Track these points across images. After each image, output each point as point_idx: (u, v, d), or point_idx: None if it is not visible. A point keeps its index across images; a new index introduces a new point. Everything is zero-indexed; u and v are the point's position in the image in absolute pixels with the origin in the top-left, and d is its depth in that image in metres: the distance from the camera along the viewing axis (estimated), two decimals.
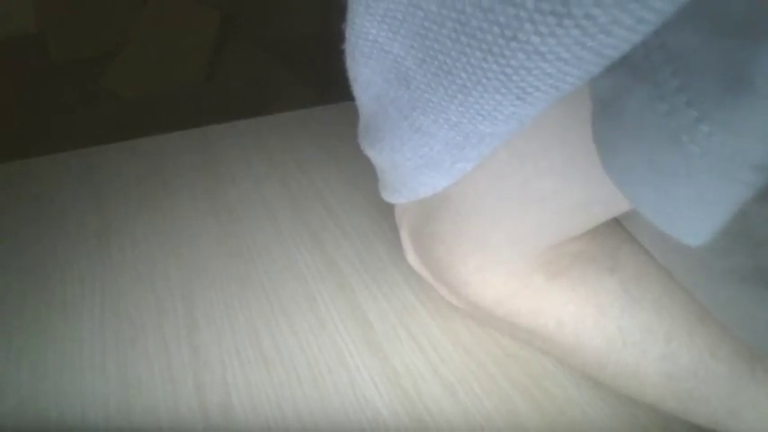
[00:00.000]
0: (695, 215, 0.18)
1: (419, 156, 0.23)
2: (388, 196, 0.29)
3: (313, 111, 0.60)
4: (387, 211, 0.45)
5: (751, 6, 0.14)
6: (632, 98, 0.17)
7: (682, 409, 0.29)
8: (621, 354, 0.29)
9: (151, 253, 0.42)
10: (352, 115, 0.28)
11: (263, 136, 0.55)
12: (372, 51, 0.21)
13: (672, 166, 0.17)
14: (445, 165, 0.23)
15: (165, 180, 0.49)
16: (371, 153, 0.27)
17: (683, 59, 0.15)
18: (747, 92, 0.15)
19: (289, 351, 0.35)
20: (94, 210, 0.46)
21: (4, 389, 0.33)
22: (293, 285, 0.39)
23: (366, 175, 0.49)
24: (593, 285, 0.29)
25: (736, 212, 0.23)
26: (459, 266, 0.29)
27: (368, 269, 0.41)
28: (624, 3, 0.14)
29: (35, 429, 0.31)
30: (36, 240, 0.43)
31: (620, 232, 0.31)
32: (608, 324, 0.29)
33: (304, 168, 0.51)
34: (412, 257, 0.33)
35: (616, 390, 0.31)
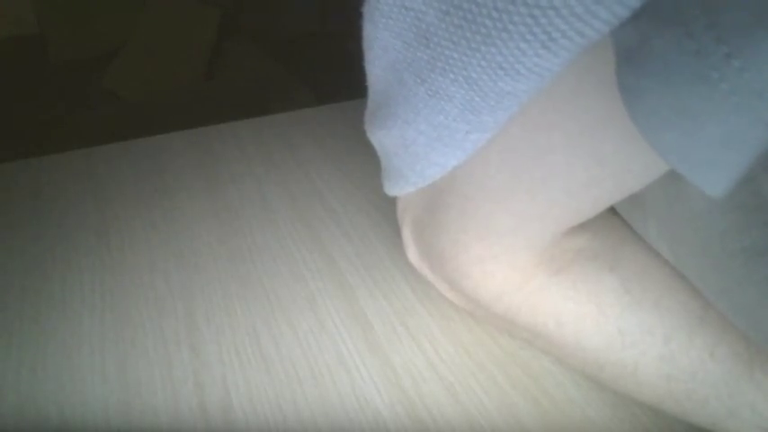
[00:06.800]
0: (719, 160, 0.18)
1: (433, 126, 0.23)
2: (393, 186, 0.29)
3: (313, 111, 0.60)
4: (387, 211, 0.45)
5: None
6: (660, 40, 0.17)
7: (680, 410, 0.29)
8: (620, 354, 0.29)
9: (151, 253, 0.42)
10: (352, 115, 0.28)
11: (263, 136, 0.55)
12: (393, 10, 0.21)
13: (700, 106, 0.17)
14: (459, 136, 0.23)
15: (165, 180, 0.49)
16: (380, 134, 0.26)
17: None
18: None
19: (289, 351, 0.35)
20: (94, 209, 0.46)
21: (4, 389, 0.33)
22: (293, 285, 0.39)
23: (366, 175, 0.49)
24: (594, 284, 0.29)
25: (752, 188, 0.23)
26: (461, 257, 0.29)
27: (368, 269, 0.41)
28: None
29: (35, 429, 0.31)
30: (36, 240, 0.43)
31: (622, 231, 0.31)
32: (607, 324, 0.29)
33: (304, 168, 0.51)
34: (413, 254, 0.33)
35: (615, 390, 0.31)
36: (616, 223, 0.31)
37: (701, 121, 0.17)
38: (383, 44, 0.23)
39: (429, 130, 0.23)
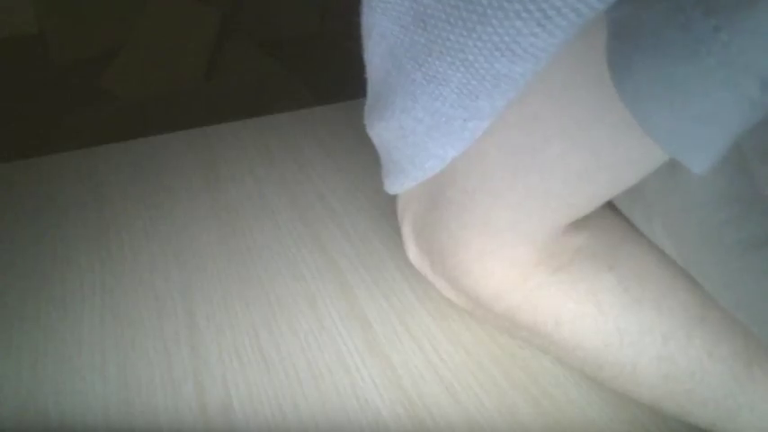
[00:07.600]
0: (705, 136, 0.18)
1: (431, 114, 0.23)
2: (393, 183, 0.29)
3: (313, 111, 0.60)
4: (387, 211, 0.45)
5: None
6: (650, 14, 0.17)
7: (679, 410, 0.29)
8: (619, 354, 0.29)
9: (151, 253, 0.42)
10: (353, 115, 0.28)
11: (263, 136, 0.55)
12: None
13: (687, 81, 0.17)
14: (456, 123, 0.23)
15: (165, 180, 0.49)
16: (379, 127, 0.27)
17: None
18: None
19: (289, 351, 0.35)
20: (94, 209, 0.46)
21: (4, 389, 0.33)
22: (293, 285, 0.39)
23: (366, 175, 0.49)
24: (593, 282, 0.29)
25: (748, 180, 0.23)
26: (462, 253, 0.29)
27: (368, 269, 0.41)
28: None
29: (35, 429, 0.31)
30: (36, 240, 0.43)
31: (621, 230, 0.31)
32: (607, 323, 0.29)
33: (304, 168, 0.51)
34: (413, 253, 0.33)
35: (615, 390, 0.31)
36: (616, 222, 0.31)
37: (688, 96, 0.17)
38: (381, 30, 0.23)
39: (427, 117, 0.24)
